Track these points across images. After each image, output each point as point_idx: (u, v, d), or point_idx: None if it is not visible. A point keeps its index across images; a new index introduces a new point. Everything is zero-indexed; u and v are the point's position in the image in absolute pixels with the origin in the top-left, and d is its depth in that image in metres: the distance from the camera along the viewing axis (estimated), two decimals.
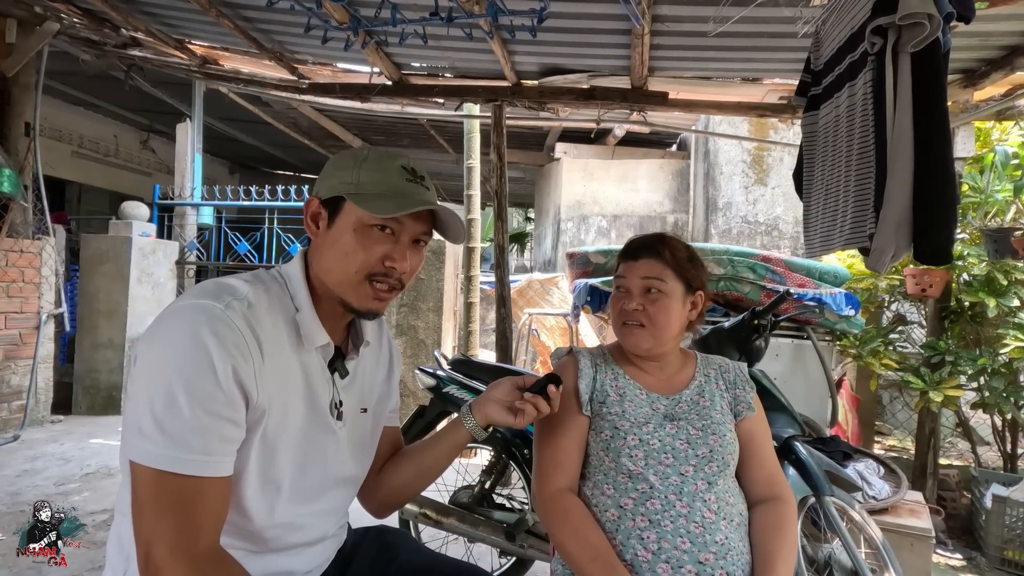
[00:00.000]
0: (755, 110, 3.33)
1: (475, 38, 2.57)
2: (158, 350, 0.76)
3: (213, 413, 0.75)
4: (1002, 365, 2.92)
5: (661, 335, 1.12)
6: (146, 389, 0.74)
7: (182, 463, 0.73)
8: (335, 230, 0.88)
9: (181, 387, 0.73)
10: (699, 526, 0.98)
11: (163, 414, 0.73)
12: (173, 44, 3.24)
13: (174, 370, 0.74)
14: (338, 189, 0.88)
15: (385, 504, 1.09)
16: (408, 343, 4.18)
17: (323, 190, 0.91)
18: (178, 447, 0.73)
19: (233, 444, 0.79)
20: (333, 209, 0.89)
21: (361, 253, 0.87)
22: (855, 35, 1.55)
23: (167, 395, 0.73)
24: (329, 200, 0.90)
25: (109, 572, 0.86)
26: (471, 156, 4.37)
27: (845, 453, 2.27)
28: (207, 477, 0.75)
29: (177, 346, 0.75)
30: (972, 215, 3.04)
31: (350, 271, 0.88)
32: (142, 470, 0.73)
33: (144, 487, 0.73)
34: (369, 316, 0.92)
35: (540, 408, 0.97)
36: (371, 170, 0.89)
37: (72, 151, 7.33)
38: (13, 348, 3.84)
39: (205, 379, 0.74)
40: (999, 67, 2.54)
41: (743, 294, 2.79)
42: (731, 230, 5.69)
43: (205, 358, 0.74)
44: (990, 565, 2.63)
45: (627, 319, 1.13)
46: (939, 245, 1.36)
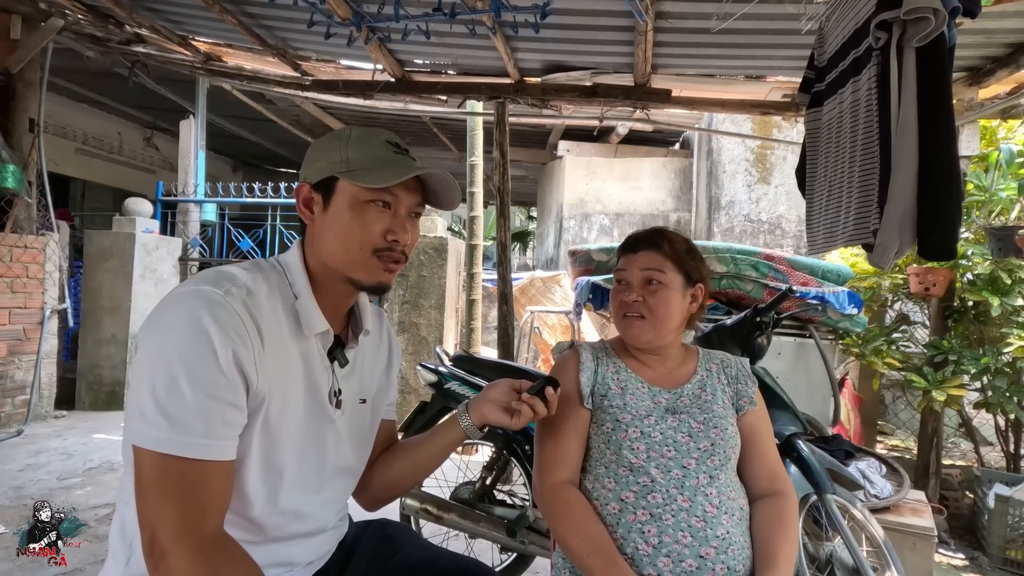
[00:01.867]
0: (759, 108, 3.32)
1: (478, 34, 2.57)
2: (159, 335, 0.76)
3: (215, 397, 0.75)
4: (1006, 364, 2.91)
5: (662, 326, 1.12)
6: (148, 374, 0.74)
7: (186, 447, 0.73)
8: (332, 211, 0.89)
9: (183, 372, 0.73)
10: (701, 520, 0.98)
11: (165, 398, 0.73)
12: (177, 41, 3.24)
13: (175, 355, 0.74)
14: (328, 170, 0.89)
15: (376, 498, 1.09)
16: (410, 340, 4.18)
17: (312, 174, 0.91)
18: (181, 431, 0.73)
19: (235, 428, 0.79)
20: (326, 191, 0.90)
21: (362, 228, 0.88)
22: (859, 30, 1.54)
23: (169, 380, 0.73)
24: (320, 183, 0.90)
25: (112, 560, 0.86)
26: (474, 154, 4.37)
27: (847, 452, 2.26)
28: (211, 461, 0.75)
29: (178, 331, 0.75)
30: (976, 213, 3.02)
31: (354, 248, 0.88)
32: (146, 454, 0.73)
33: (148, 472, 0.73)
34: (380, 289, 0.93)
35: (537, 410, 0.96)
36: (358, 147, 0.90)
37: (76, 148, 7.36)
38: (17, 343, 3.86)
39: (206, 363, 0.74)
40: (1005, 65, 2.53)
41: (746, 292, 2.78)
42: (734, 229, 5.68)
43: (206, 342, 0.75)
44: (992, 565, 2.62)
45: (627, 311, 1.13)
46: (943, 241, 1.35)
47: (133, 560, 0.83)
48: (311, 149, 0.94)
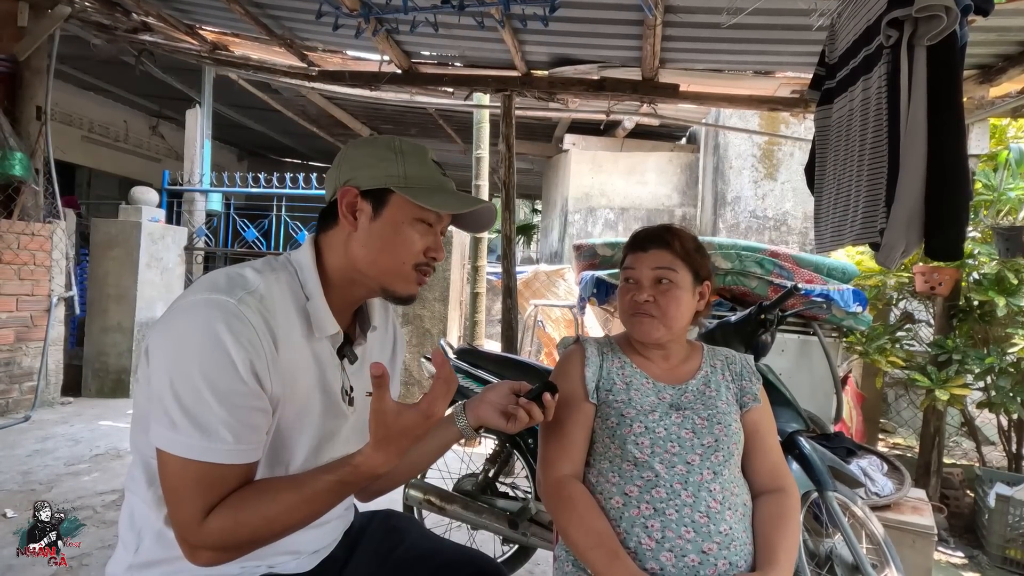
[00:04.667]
0: (767, 104, 3.30)
1: (486, 27, 2.56)
2: (176, 345, 0.77)
3: (241, 405, 0.77)
4: (1010, 364, 2.91)
5: (673, 325, 1.12)
6: (170, 385, 0.75)
7: (219, 454, 0.76)
8: (382, 222, 0.90)
9: (205, 385, 0.75)
10: (704, 516, 0.98)
11: (194, 408, 0.75)
12: (184, 29, 3.24)
13: (195, 368, 0.75)
14: (384, 181, 0.90)
15: (369, 491, 1.09)
16: (414, 332, 4.20)
17: (363, 180, 0.90)
18: (214, 439, 0.76)
19: (263, 431, 0.82)
20: (377, 201, 0.90)
21: (412, 245, 0.91)
22: (871, 28, 1.53)
23: (194, 391, 0.75)
24: (371, 191, 0.90)
25: (121, 549, 0.88)
26: (480, 146, 4.36)
27: (849, 449, 2.26)
28: (241, 464, 0.79)
29: (196, 343, 0.76)
30: (984, 213, 3.00)
31: (398, 262, 0.91)
32: (176, 460, 0.76)
33: (177, 476, 0.77)
34: (410, 300, 0.96)
35: (534, 415, 0.96)
36: (414, 164, 0.92)
37: (82, 136, 7.37)
38: (24, 330, 3.89)
39: (227, 375, 0.76)
40: (1016, 63, 2.50)
41: (750, 289, 2.78)
42: (739, 225, 5.65)
43: (224, 355, 0.76)
44: (991, 564, 2.63)
45: (637, 310, 1.13)
46: (950, 241, 1.35)
47: (142, 548, 0.85)
48: (355, 152, 0.94)
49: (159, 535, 0.83)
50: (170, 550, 0.82)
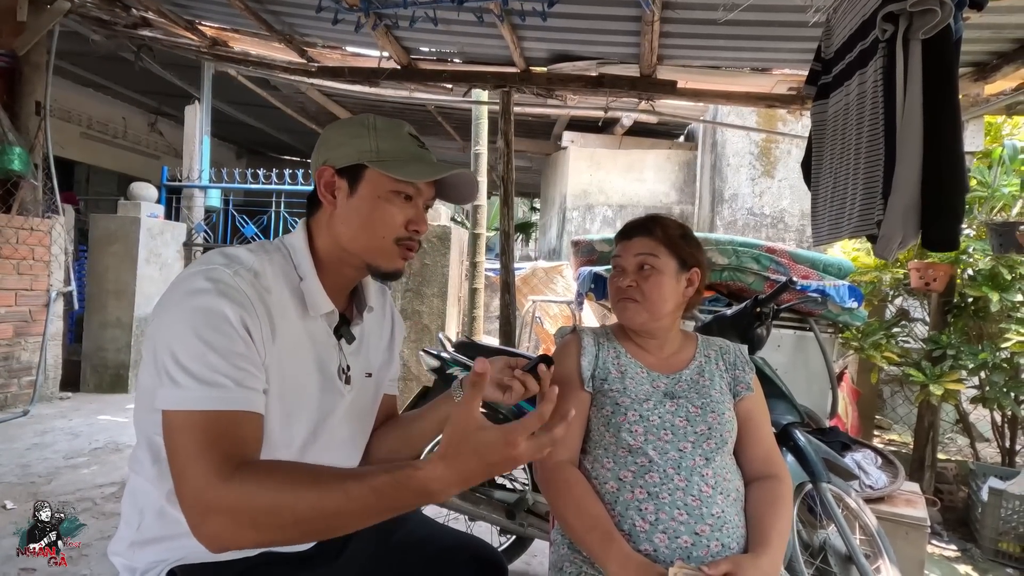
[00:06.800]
0: (764, 100, 3.32)
1: (485, 23, 2.57)
2: (172, 313, 0.79)
3: (238, 354, 0.78)
4: (1003, 360, 2.93)
5: (655, 310, 1.14)
6: (168, 348, 0.76)
7: (220, 400, 0.75)
8: (358, 198, 0.91)
9: (202, 342, 0.76)
10: (696, 499, 1.00)
11: (192, 364, 0.75)
12: (183, 25, 3.24)
13: (190, 329, 0.76)
14: (356, 157, 0.90)
15: None
16: (412, 328, 4.21)
17: (337, 158, 0.92)
18: (214, 387, 0.75)
19: (260, 382, 0.81)
20: (352, 177, 0.91)
21: (388, 218, 0.91)
22: (866, 22, 1.55)
23: (191, 349, 0.76)
24: (346, 169, 0.91)
25: (124, 526, 0.90)
26: (478, 143, 4.38)
27: (843, 443, 2.28)
28: (243, 411, 0.77)
29: (190, 307, 0.77)
30: (978, 209, 3.02)
31: (379, 236, 0.91)
32: (180, 416, 0.74)
33: (181, 432, 0.74)
34: (396, 276, 0.96)
35: (529, 386, 0.96)
36: (387, 137, 0.92)
37: (81, 132, 7.36)
38: (23, 325, 3.89)
39: (222, 330, 0.77)
40: (1011, 60, 2.52)
41: (747, 284, 2.80)
42: (736, 222, 5.67)
43: (218, 313, 0.77)
44: (984, 556, 2.65)
45: (622, 295, 1.16)
46: (947, 232, 1.36)
47: (144, 525, 0.86)
48: (331, 132, 0.95)
49: (160, 512, 0.85)
50: (172, 527, 0.83)
